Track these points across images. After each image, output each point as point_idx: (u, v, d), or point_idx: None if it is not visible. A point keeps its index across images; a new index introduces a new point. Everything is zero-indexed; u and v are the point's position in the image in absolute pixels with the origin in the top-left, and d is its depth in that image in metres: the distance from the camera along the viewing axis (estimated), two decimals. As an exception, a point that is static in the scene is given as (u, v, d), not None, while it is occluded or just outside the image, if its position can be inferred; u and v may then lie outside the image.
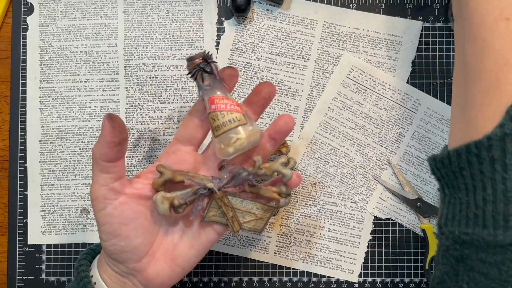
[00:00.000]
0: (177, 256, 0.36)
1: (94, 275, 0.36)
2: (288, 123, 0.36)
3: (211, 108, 0.34)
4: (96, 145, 0.33)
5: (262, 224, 0.38)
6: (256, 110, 0.37)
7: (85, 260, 0.38)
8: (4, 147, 0.48)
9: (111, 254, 0.35)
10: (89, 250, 0.39)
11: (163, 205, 0.35)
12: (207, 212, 0.36)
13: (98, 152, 0.33)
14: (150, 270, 0.35)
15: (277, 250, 0.48)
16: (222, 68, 0.35)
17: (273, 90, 0.36)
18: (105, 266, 0.36)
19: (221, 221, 0.37)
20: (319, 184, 0.48)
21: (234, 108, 0.34)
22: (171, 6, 0.49)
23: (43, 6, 0.49)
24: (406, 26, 0.48)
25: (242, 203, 0.37)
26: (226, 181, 0.36)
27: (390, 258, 0.48)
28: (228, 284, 0.48)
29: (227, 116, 0.34)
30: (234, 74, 0.35)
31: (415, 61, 0.48)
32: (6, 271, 0.47)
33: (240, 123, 0.34)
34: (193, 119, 0.36)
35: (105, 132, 0.32)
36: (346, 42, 0.48)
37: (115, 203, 0.34)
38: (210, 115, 0.34)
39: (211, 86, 0.34)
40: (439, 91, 0.48)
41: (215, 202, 0.36)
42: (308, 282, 0.48)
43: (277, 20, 0.48)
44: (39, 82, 0.48)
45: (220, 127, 0.34)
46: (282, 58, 0.48)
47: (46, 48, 0.48)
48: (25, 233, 0.48)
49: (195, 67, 0.34)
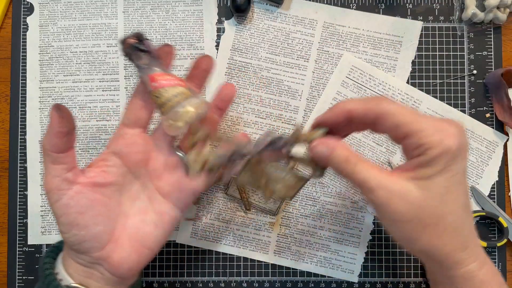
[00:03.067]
0: (143, 238, 0.36)
1: (59, 272, 0.35)
2: (231, 91, 0.38)
3: (152, 86, 0.34)
4: (45, 137, 0.33)
5: (293, 193, 0.37)
6: (198, 84, 0.38)
7: (48, 258, 0.37)
8: (4, 147, 0.48)
9: (72, 246, 0.34)
10: (53, 248, 0.38)
11: (195, 166, 0.35)
12: (240, 177, 0.36)
13: (48, 143, 0.33)
14: (115, 256, 0.35)
15: (277, 250, 0.48)
16: (157, 47, 0.35)
17: (211, 61, 0.37)
18: (69, 260, 0.35)
19: (253, 185, 0.36)
20: (319, 184, 0.48)
21: (177, 83, 0.34)
22: (171, 6, 0.49)
23: (43, 6, 0.49)
24: (406, 26, 0.48)
25: (276, 171, 0.36)
26: (263, 147, 0.35)
27: (390, 258, 0.48)
28: (228, 284, 0.48)
29: (170, 91, 0.33)
30: (169, 51, 0.35)
31: (415, 61, 0.48)
32: (6, 271, 0.47)
33: (185, 96, 0.34)
34: (136, 100, 0.36)
35: (53, 123, 0.32)
36: (346, 42, 0.48)
37: (69, 193, 0.34)
38: (153, 93, 0.34)
39: (148, 64, 0.34)
40: (439, 91, 0.48)
41: (249, 167, 0.36)
42: (308, 282, 0.48)
43: (277, 20, 0.48)
44: (39, 82, 0.48)
45: (165, 103, 0.33)
46: (282, 58, 0.48)
47: (46, 48, 0.48)
48: (25, 233, 0.48)
49: (129, 47, 0.33)
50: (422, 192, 0.30)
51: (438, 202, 0.30)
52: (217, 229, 0.48)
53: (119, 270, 0.35)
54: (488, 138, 0.48)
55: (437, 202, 0.30)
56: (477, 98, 0.48)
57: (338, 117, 0.33)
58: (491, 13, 0.47)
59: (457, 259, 0.32)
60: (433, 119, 0.31)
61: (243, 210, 0.47)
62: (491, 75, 0.48)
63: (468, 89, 0.48)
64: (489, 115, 0.48)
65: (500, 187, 0.48)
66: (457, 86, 0.48)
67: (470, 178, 0.48)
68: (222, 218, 0.48)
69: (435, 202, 0.30)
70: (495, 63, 0.48)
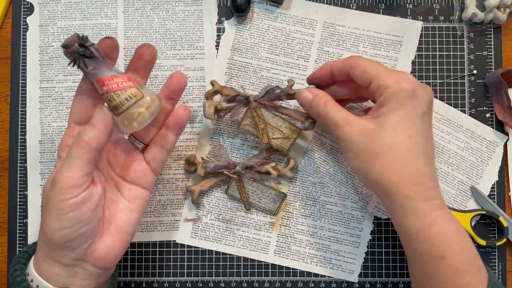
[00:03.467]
0: (122, 225, 0.37)
1: (34, 279, 0.35)
2: (180, 80, 0.38)
3: (102, 89, 0.33)
4: (92, 135, 0.32)
5: (288, 145, 0.44)
6: (143, 74, 0.37)
7: (19, 264, 0.36)
8: (4, 147, 0.48)
9: (66, 242, 0.33)
10: (23, 253, 0.38)
11: (210, 110, 0.43)
12: (242, 121, 0.44)
13: (96, 142, 0.32)
14: (101, 247, 0.35)
15: (277, 250, 0.48)
16: (100, 41, 0.33)
17: (154, 50, 0.36)
18: (49, 263, 0.35)
19: (253, 132, 0.44)
20: (319, 184, 0.48)
21: (127, 85, 0.33)
22: (171, 6, 0.49)
23: (43, 6, 0.49)
24: (406, 26, 0.48)
25: (273, 119, 0.44)
26: (261, 95, 0.43)
27: (390, 258, 0.48)
28: (228, 284, 0.48)
29: (122, 95, 0.33)
30: (114, 46, 0.34)
31: (415, 61, 0.48)
32: (6, 271, 0.47)
33: (137, 98, 0.33)
34: (85, 98, 0.35)
35: (104, 121, 0.32)
36: (346, 42, 0.48)
37: (87, 190, 0.33)
38: (104, 96, 0.33)
39: (96, 69, 0.32)
40: (439, 91, 0.48)
41: (250, 112, 0.43)
42: (308, 282, 0.48)
43: (277, 20, 0.48)
44: (39, 82, 0.48)
45: (118, 106, 0.33)
46: (282, 58, 0.48)
47: (46, 48, 0.48)
48: (25, 233, 0.48)
49: (74, 54, 0.32)
50: (376, 126, 0.36)
51: (388, 134, 0.35)
52: (217, 229, 0.48)
53: (105, 261, 0.36)
54: (488, 138, 0.48)
55: (388, 134, 0.35)
56: (477, 98, 0.48)
57: (323, 72, 0.41)
58: (491, 13, 0.47)
59: (407, 193, 0.35)
60: (395, 70, 0.37)
61: (243, 210, 0.47)
62: (491, 75, 0.48)
63: (468, 89, 0.48)
64: (489, 115, 0.48)
65: (500, 187, 0.48)
66: (457, 86, 0.48)
67: (470, 178, 0.48)
68: (222, 218, 0.48)
69: (386, 133, 0.35)
70: (495, 63, 0.48)
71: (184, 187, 0.48)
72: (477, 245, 0.47)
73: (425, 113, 0.37)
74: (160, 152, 0.39)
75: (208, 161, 0.46)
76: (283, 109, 0.44)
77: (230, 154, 0.48)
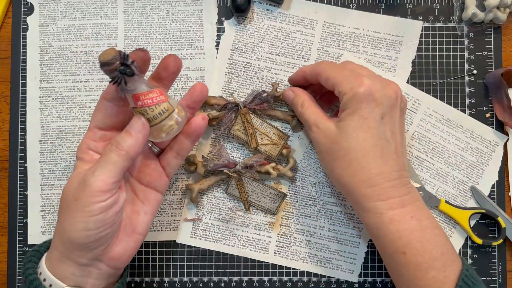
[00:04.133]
0: (137, 227, 0.38)
1: (47, 278, 0.35)
2: (202, 91, 0.39)
3: (137, 104, 0.34)
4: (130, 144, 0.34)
5: (276, 151, 0.46)
6: (167, 85, 0.38)
7: (30, 263, 0.37)
8: (4, 147, 0.48)
9: (87, 243, 0.34)
10: (34, 252, 0.38)
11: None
12: (233, 126, 0.45)
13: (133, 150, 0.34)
14: (117, 248, 0.36)
15: (277, 250, 0.48)
16: (133, 52, 0.34)
17: (179, 62, 0.37)
18: (65, 263, 0.35)
19: (243, 137, 0.46)
20: (319, 184, 0.48)
21: (160, 99, 0.34)
22: (171, 6, 0.49)
23: (43, 6, 0.49)
24: (406, 26, 0.48)
25: (262, 125, 0.46)
26: (250, 100, 0.45)
27: (390, 258, 0.48)
28: (228, 284, 0.48)
29: (156, 110, 0.34)
30: (146, 58, 0.35)
31: (415, 61, 0.48)
32: (6, 271, 0.47)
33: (168, 112, 0.34)
34: (111, 106, 0.36)
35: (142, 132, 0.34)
36: (346, 42, 0.48)
37: (116, 194, 0.34)
38: (136, 110, 0.34)
39: (133, 85, 0.33)
40: (439, 91, 0.48)
41: (240, 117, 0.45)
42: (308, 282, 0.48)
43: (277, 20, 0.48)
44: (39, 82, 0.48)
45: (151, 120, 0.34)
46: (282, 58, 0.48)
47: (46, 48, 0.48)
48: (25, 233, 0.48)
49: (114, 72, 0.32)
50: (337, 130, 0.38)
51: (345, 138, 0.37)
52: (217, 229, 0.48)
53: (119, 261, 0.37)
54: (488, 138, 0.48)
55: (345, 138, 0.37)
56: (477, 98, 0.48)
57: (297, 77, 0.45)
58: (491, 13, 0.47)
59: (363, 193, 0.37)
60: (355, 74, 0.39)
61: (243, 210, 0.47)
62: (491, 75, 0.48)
63: (468, 89, 0.48)
64: (489, 115, 0.48)
65: (500, 187, 0.48)
66: (457, 86, 0.48)
67: (470, 178, 0.48)
68: (222, 218, 0.48)
69: (343, 137, 0.37)
70: (495, 63, 0.48)
71: (184, 187, 0.48)
72: (474, 243, 0.47)
73: (386, 114, 0.38)
74: (175, 158, 0.40)
75: (208, 159, 0.46)
76: (271, 111, 0.47)
77: (230, 154, 0.48)
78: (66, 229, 0.34)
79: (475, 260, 0.48)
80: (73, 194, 0.34)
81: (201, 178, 0.47)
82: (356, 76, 0.38)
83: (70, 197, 0.34)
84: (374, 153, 0.37)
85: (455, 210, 0.47)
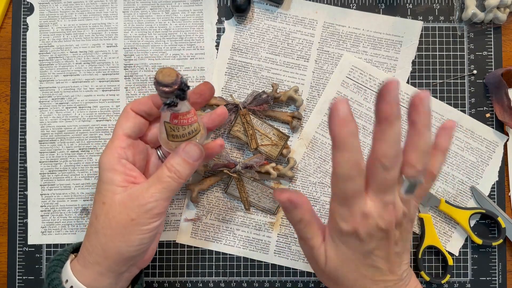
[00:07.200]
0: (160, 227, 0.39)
1: (74, 286, 0.35)
2: (224, 116, 0.40)
3: (172, 121, 0.34)
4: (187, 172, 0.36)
5: (276, 152, 0.46)
6: (196, 108, 0.39)
7: (55, 273, 0.36)
8: (4, 147, 0.48)
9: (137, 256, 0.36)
10: (57, 262, 0.38)
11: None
12: (232, 126, 0.46)
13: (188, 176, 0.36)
14: (149, 251, 0.39)
15: (277, 250, 0.48)
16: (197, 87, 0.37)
17: (213, 91, 0.39)
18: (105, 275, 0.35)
19: (243, 138, 0.46)
20: (319, 184, 0.48)
21: (193, 120, 0.34)
22: (171, 6, 0.49)
23: (43, 6, 0.49)
24: (406, 26, 0.48)
25: (261, 125, 0.46)
26: (249, 101, 0.46)
27: (390, 258, 0.47)
28: (228, 284, 0.48)
29: (187, 129, 0.34)
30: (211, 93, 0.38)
31: (415, 61, 0.48)
32: (6, 271, 0.47)
33: (196, 132, 0.35)
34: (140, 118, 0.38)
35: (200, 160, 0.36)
36: (346, 42, 0.48)
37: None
38: (168, 125, 0.34)
39: (179, 106, 0.33)
40: (439, 91, 0.48)
41: (239, 118, 0.45)
42: (308, 282, 0.48)
43: (277, 20, 0.48)
44: (39, 82, 0.48)
45: (179, 136, 0.35)
46: (282, 58, 0.48)
47: (46, 48, 0.48)
48: (25, 233, 0.48)
49: (171, 95, 0.32)
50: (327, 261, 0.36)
51: (336, 268, 0.35)
52: (217, 229, 0.48)
53: (147, 262, 0.40)
54: (488, 138, 0.48)
55: (335, 268, 0.35)
56: (477, 98, 0.48)
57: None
58: (491, 13, 0.47)
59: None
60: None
61: (243, 210, 0.47)
62: (491, 75, 0.48)
63: (468, 89, 0.48)
64: (489, 115, 0.48)
65: (500, 187, 0.48)
66: (457, 86, 0.48)
67: (470, 178, 0.48)
68: (222, 218, 0.48)
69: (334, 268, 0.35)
70: (495, 63, 0.48)
71: (184, 187, 0.48)
72: (474, 243, 0.47)
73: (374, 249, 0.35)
74: None
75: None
76: (271, 112, 0.47)
77: (230, 154, 0.48)
78: (119, 246, 0.35)
79: (475, 260, 0.48)
80: (128, 214, 0.34)
81: (201, 178, 0.47)
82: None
83: (124, 216, 0.34)
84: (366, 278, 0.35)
85: (455, 210, 0.47)
